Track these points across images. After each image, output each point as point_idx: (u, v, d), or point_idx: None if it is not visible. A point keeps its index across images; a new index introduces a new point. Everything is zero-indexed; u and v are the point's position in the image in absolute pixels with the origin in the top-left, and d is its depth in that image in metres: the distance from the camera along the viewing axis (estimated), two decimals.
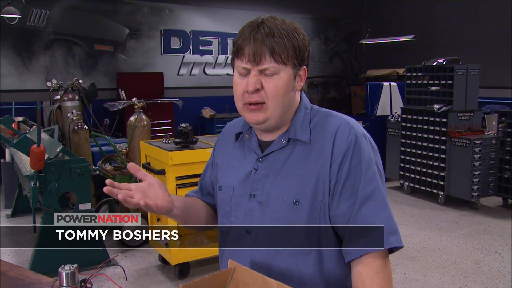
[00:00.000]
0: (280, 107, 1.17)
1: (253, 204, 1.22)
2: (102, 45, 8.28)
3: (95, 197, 4.96)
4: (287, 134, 1.21)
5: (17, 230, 4.87)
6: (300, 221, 1.16)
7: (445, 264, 4.02)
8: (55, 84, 5.64)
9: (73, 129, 4.83)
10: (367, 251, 1.12)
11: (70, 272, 1.24)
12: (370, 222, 1.13)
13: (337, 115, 1.24)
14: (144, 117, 4.49)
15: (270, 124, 1.19)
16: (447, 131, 5.54)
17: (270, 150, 1.22)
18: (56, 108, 5.27)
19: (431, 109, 5.67)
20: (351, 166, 1.15)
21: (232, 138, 1.33)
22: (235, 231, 1.25)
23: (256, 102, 1.15)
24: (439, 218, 5.28)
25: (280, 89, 1.15)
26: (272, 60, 1.13)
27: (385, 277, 1.12)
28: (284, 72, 1.15)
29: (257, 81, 1.14)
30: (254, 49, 1.12)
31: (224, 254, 1.29)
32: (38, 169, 3.50)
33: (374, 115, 6.75)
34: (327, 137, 1.18)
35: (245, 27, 1.17)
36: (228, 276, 1.02)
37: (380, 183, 1.18)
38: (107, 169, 4.40)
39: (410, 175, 6.12)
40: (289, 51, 1.14)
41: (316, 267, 1.18)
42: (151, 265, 3.99)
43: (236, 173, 1.27)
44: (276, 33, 1.13)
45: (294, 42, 1.15)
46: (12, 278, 1.50)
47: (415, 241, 4.54)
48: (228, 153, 1.33)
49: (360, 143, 1.17)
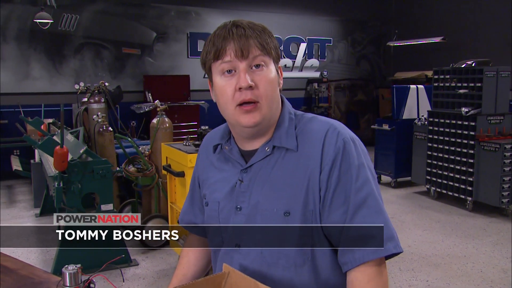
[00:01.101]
0: (271, 105, 1.13)
1: (240, 217, 1.17)
2: (130, 48, 8.46)
3: (119, 198, 5.05)
4: (271, 142, 1.16)
5: (44, 229, 5.00)
6: (292, 233, 1.12)
7: (470, 272, 3.90)
8: (83, 87, 5.78)
9: (98, 131, 4.93)
10: (365, 260, 1.08)
11: (73, 272, 1.26)
12: (364, 231, 1.08)
13: (322, 120, 1.18)
14: (167, 119, 4.54)
15: (263, 125, 1.15)
16: (475, 135, 5.39)
17: (255, 160, 1.17)
18: (83, 110, 5.39)
19: (459, 112, 5.52)
20: (340, 173, 1.10)
21: (210, 150, 1.28)
22: (226, 245, 1.20)
23: (250, 100, 1.10)
24: (467, 224, 5.13)
25: (271, 83, 1.12)
26: (261, 51, 1.10)
27: (379, 285, 1.08)
28: (271, 64, 1.13)
29: (250, 77, 1.09)
30: (240, 44, 1.08)
31: (217, 269, 1.25)
32: (62, 170, 3.58)
33: (400, 118, 6.62)
34: (314, 144, 1.13)
35: (217, 31, 1.13)
36: (222, 281, 1.01)
37: (374, 187, 1.12)
38: (130, 170, 4.46)
39: (437, 179, 5.97)
40: (270, 44, 1.12)
41: (311, 277, 1.14)
42: (171, 266, 4.02)
43: (221, 186, 1.21)
44: (255, 29, 1.11)
45: (271, 37, 1.14)
46: (23, 276, 1.53)
47: (440, 248, 4.42)
48: (209, 167, 1.28)
49: (349, 148, 1.12)
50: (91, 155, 3.90)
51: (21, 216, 5.49)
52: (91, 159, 3.82)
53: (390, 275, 3.85)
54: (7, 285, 1.48)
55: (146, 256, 4.22)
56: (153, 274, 3.85)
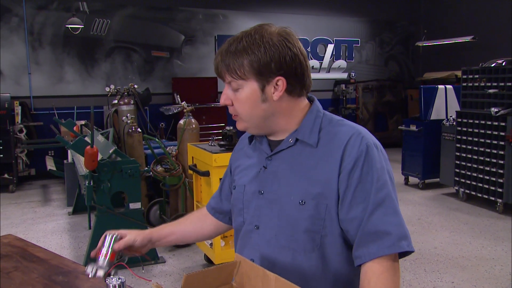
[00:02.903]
0: (254, 118, 1.23)
1: (261, 201, 1.27)
2: (159, 51, 8.64)
3: (147, 197, 5.18)
4: (295, 134, 1.25)
5: (76, 227, 5.18)
6: (304, 221, 1.19)
7: (498, 275, 3.83)
8: (113, 89, 5.95)
9: (128, 132, 5.07)
10: (378, 255, 1.13)
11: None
12: (381, 228, 1.13)
13: (349, 124, 1.25)
14: (193, 120, 4.63)
15: (253, 132, 1.29)
16: (505, 136, 5.27)
17: (279, 149, 1.26)
18: (113, 112, 5.56)
19: (488, 112, 5.42)
20: (362, 173, 1.16)
21: (246, 142, 1.40)
22: (246, 226, 1.30)
23: (232, 113, 1.25)
24: (496, 226, 5.03)
25: (245, 103, 1.21)
26: (231, 77, 1.20)
27: (391, 278, 1.12)
28: (247, 86, 1.20)
29: (227, 97, 1.23)
30: (216, 66, 1.22)
31: (237, 249, 1.35)
32: (92, 169, 3.71)
33: (428, 119, 6.54)
34: (337, 145, 1.20)
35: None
36: (233, 269, 1.06)
37: (392, 190, 1.18)
38: (158, 170, 4.58)
39: (466, 181, 5.87)
40: (245, 67, 1.17)
41: (320, 265, 1.20)
42: (197, 264, 4.11)
43: (248, 172, 1.33)
44: (231, 52, 1.18)
45: (251, 57, 1.16)
46: (53, 265, 1.64)
47: (467, 250, 4.36)
48: (242, 156, 1.40)
49: (372, 152, 1.18)
50: (120, 155, 4.03)
51: (55, 214, 5.70)
52: (120, 159, 3.95)
53: (415, 276, 3.82)
54: (39, 273, 1.58)
55: (173, 253, 4.32)
56: (179, 271, 3.94)
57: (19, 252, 1.76)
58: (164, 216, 4.84)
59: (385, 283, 1.11)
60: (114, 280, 1.24)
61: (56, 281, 1.51)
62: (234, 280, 1.08)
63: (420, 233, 4.86)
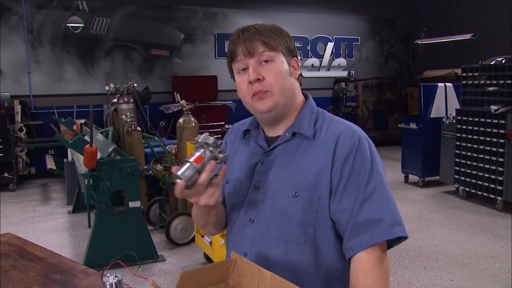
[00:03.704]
0: (284, 91, 1.24)
1: (256, 195, 1.28)
2: (159, 50, 8.64)
3: (147, 196, 5.19)
4: (291, 128, 1.27)
5: (76, 225, 5.19)
6: (297, 213, 1.21)
7: (497, 273, 3.84)
8: (113, 88, 5.96)
9: (127, 130, 5.07)
10: (371, 243, 1.14)
11: None
12: (373, 216, 1.15)
13: (341, 120, 1.29)
14: (193, 118, 4.64)
15: (278, 110, 1.26)
16: (505, 133, 5.27)
17: (276, 144, 1.29)
18: (112, 110, 5.56)
19: (488, 110, 5.41)
20: (354, 165, 1.19)
21: (239, 136, 1.41)
22: (241, 220, 1.32)
23: (260, 91, 1.23)
24: (496, 224, 5.03)
25: (279, 73, 1.23)
26: (265, 47, 1.22)
27: (380, 273, 1.13)
28: (278, 58, 1.24)
29: (257, 72, 1.22)
30: (246, 45, 1.22)
31: (230, 243, 1.36)
32: (91, 168, 3.72)
33: (427, 117, 6.53)
34: (330, 138, 1.23)
35: (232, 36, 1.28)
36: (229, 267, 1.07)
37: (384, 179, 1.21)
38: (157, 169, 4.58)
39: (466, 179, 5.87)
40: (277, 40, 1.24)
41: (311, 259, 1.21)
42: (197, 263, 4.11)
43: (244, 167, 1.34)
44: (262, 30, 1.25)
45: (280, 34, 1.26)
46: (51, 264, 1.64)
47: (467, 248, 4.36)
48: (235, 150, 1.41)
49: (363, 144, 1.22)
50: (119, 153, 4.02)
51: (55, 213, 5.70)
52: (119, 158, 3.95)
53: (414, 273, 3.83)
54: (37, 271, 1.58)
55: (173, 252, 4.32)
56: (179, 270, 3.95)
57: (17, 250, 1.77)
58: (164, 215, 4.85)
59: (374, 279, 1.12)
60: (111, 278, 1.24)
61: (53, 280, 1.51)
62: (230, 277, 1.08)
63: (419, 231, 4.86)
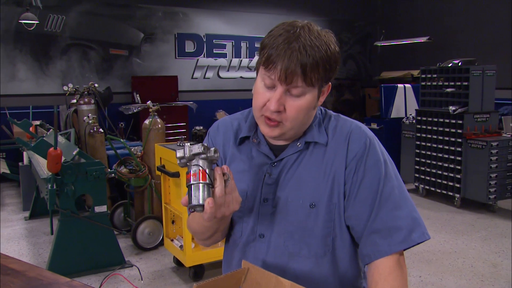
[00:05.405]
0: (297, 125, 1.14)
1: (266, 208, 1.20)
2: (117, 49, 8.39)
3: (110, 199, 5.02)
4: (303, 138, 1.19)
5: (35, 232, 4.94)
6: (316, 224, 1.15)
7: (461, 267, 3.98)
8: (71, 88, 5.74)
9: (89, 132, 4.89)
10: (390, 252, 1.11)
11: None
12: (390, 224, 1.12)
13: (347, 119, 1.24)
14: (159, 120, 4.53)
15: (284, 138, 1.18)
16: (463, 133, 5.49)
17: (285, 155, 1.20)
18: (72, 112, 5.35)
19: (447, 110, 5.62)
20: (366, 168, 1.15)
21: (232, 140, 1.29)
22: (248, 236, 1.23)
23: (274, 119, 1.11)
24: (455, 221, 5.22)
25: (302, 111, 1.11)
26: (302, 83, 1.07)
27: (399, 278, 1.11)
28: (310, 93, 1.11)
29: (281, 103, 1.09)
30: (286, 67, 1.05)
31: (234, 258, 1.27)
32: (55, 172, 3.55)
33: (388, 117, 6.71)
34: (340, 140, 1.18)
35: (277, 33, 1.09)
36: (241, 276, 1.02)
37: (398, 180, 1.18)
38: (123, 171, 4.44)
39: (426, 177, 6.06)
40: (320, 72, 1.08)
41: (330, 269, 1.18)
42: (166, 267, 4.01)
43: (247, 178, 1.22)
44: (312, 58, 1.05)
45: (326, 60, 1.08)
46: (31, 278, 1.52)
47: (431, 244, 4.49)
48: (231, 157, 1.28)
49: (374, 146, 1.18)
50: (84, 156, 3.87)
51: (10, 220, 5.41)
52: (84, 161, 3.80)
53: None
54: (16, 287, 1.47)
55: (140, 257, 4.20)
56: (148, 275, 3.83)
57: None
58: (129, 219, 4.70)
59: (393, 284, 1.09)
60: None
61: None
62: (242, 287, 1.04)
63: None
